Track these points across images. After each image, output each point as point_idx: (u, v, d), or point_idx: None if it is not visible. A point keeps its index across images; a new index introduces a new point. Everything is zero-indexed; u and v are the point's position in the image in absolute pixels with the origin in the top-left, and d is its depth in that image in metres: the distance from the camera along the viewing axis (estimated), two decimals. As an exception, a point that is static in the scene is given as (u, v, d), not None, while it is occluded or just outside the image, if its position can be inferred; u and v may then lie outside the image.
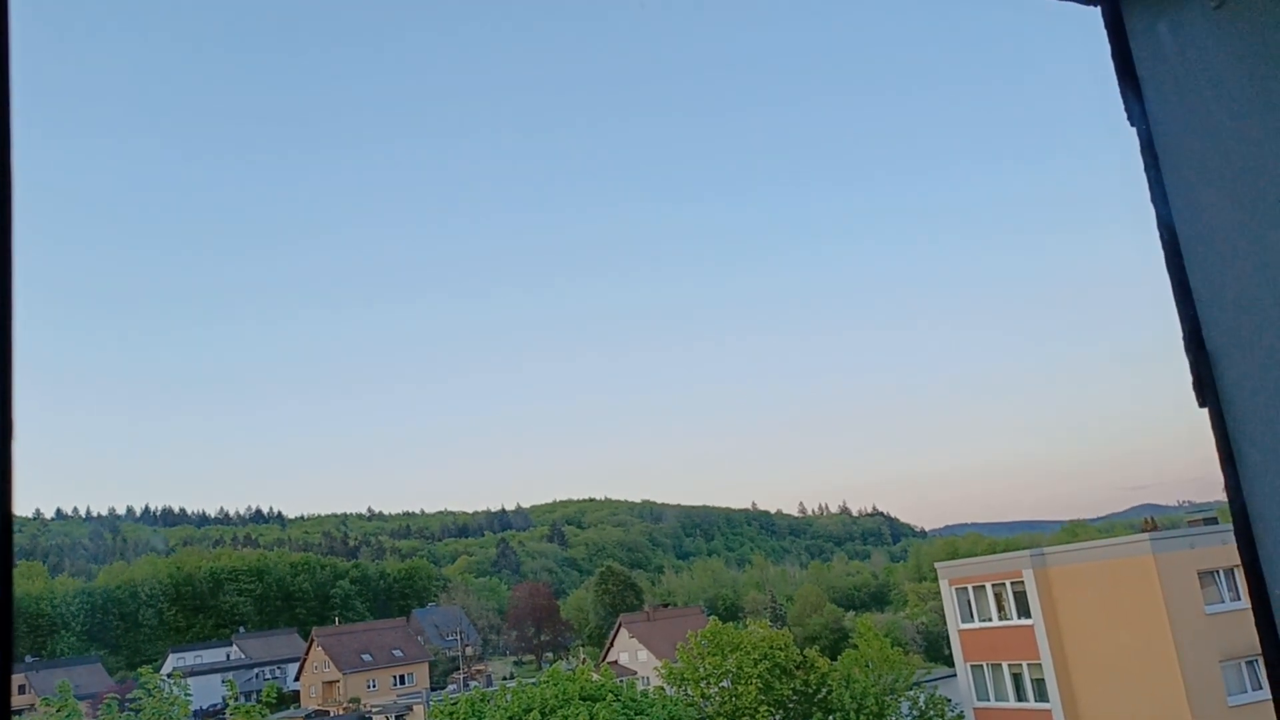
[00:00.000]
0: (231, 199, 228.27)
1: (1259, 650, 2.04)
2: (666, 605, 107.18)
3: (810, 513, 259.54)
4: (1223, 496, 2.09)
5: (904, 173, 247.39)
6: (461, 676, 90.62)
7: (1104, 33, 2.36)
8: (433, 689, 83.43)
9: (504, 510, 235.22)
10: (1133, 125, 2.31)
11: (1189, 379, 2.17)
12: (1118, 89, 2.35)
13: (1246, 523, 2.05)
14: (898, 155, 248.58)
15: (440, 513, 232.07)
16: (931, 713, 40.47)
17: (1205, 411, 2.14)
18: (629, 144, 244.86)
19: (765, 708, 37.02)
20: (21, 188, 1.32)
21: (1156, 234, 2.28)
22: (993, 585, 40.56)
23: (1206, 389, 2.12)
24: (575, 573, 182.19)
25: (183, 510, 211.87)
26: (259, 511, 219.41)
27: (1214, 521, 41.29)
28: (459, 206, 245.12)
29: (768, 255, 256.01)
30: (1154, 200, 2.25)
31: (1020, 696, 39.48)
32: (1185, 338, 2.17)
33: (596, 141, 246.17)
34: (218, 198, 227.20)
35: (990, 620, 40.64)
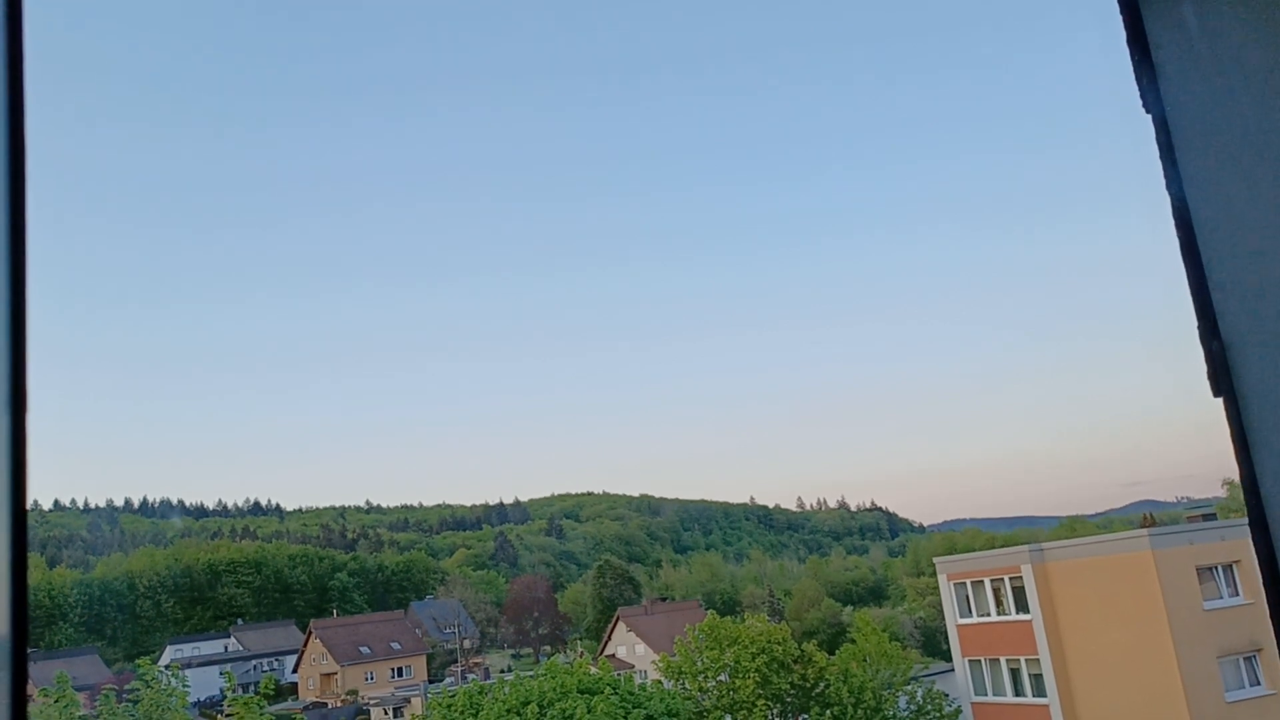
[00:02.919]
0: (229, 177, 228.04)
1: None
2: (664, 599, 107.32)
3: (809, 507, 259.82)
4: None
5: (901, 164, 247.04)
6: (459, 669, 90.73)
7: (1118, 15, 2.32)
8: (430, 681, 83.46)
9: (502, 504, 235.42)
10: (1148, 111, 2.26)
11: (1192, 373, 2.13)
12: (1132, 73, 2.31)
13: (1262, 513, 2.01)
14: (895, 147, 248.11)
15: (438, 506, 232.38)
16: (929, 707, 40.55)
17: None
18: (630, 134, 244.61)
19: (763, 702, 37.07)
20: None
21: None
22: (991, 580, 40.62)
23: (1221, 378, 2.08)
24: (573, 566, 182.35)
25: (181, 502, 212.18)
26: (257, 504, 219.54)
27: (1213, 518, 41.31)
28: (458, 195, 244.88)
29: (766, 248, 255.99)
30: (1169, 187, 2.21)
31: (1018, 691, 39.54)
32: (1201, 327, 2.13)
33: (597, 132, 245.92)
34: (216, 174, 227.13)
35: (989, 615, 40.70)
